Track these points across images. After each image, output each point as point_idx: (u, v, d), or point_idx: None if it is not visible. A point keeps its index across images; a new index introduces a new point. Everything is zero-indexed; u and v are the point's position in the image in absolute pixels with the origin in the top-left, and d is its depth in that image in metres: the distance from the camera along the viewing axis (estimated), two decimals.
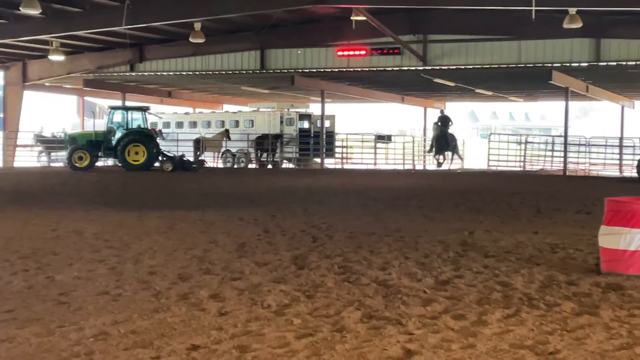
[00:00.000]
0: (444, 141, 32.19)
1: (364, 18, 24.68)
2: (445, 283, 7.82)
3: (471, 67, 28.86)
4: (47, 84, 39.03)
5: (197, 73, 33.45)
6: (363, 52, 29.36)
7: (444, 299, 7.03)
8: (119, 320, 6.16)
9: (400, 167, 36.70)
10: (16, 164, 34.93)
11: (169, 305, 6.69)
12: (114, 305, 6.72)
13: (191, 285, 7.57)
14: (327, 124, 36.48)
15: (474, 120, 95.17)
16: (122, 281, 7.76)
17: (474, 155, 41.33)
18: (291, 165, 37.65)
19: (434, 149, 33.99)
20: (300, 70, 31.65)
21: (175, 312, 6.45)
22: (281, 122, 36.42)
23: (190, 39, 27.09)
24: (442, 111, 32.90)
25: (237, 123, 37.98)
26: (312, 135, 36.33)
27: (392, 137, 42.86)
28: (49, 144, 37.58)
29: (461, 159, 35.54)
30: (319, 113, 36.61)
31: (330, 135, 37.03)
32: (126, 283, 7.65)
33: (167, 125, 39.51)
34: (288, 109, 37.64)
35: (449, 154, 34.62)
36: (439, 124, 32.60)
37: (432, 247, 10.17)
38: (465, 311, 6.60)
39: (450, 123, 33.86)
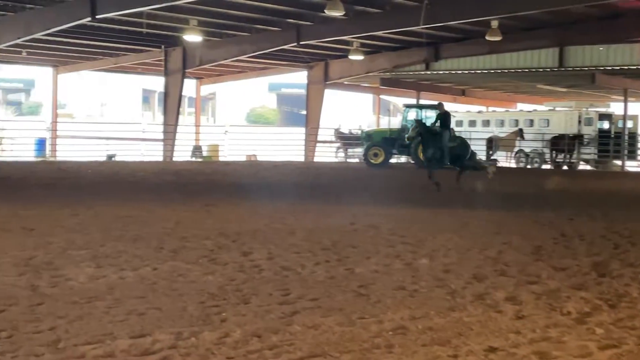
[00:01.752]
0: (434, 150, 19.24)
1: None
2: None
3: None
4: (346, 82, 40.81)
5: (492, 71, 33.14)
6: None
7: None
8: (416, 315, 6.25)
9: None
10: (316, 159, 36.87)
11: (465, 305, 6.67)
12: (411, 300, 6.83)
13: (486, 286, 7.49)
14: (629, 124, 34.52)
15: None
16: (417, 277, 7.86)
17: None
18: (588, 167, 36.07)
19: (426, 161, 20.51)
20: (602, 68, 30.23)
21: (471, 312, 6.42)
22: (579, 122, 34.98)
23: (487, 37, 26.91)
24: (440, 104, 21.06)
25: (531, 122, 37.08)
26: (612, 136, 34.55)
27: None
28: (347, 140, 39.35)
29: (488, 169, 21.37)
30: (621, 113, 34.75)
31: (633, 136, 35.04)
32: (422, 279, 7.74)
33: (459, 123, 39.53)
34: (587, 109, 36.07)
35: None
36: (437, 124, 20.82)
37: None
38: None
39: (449, 123, 20.45)
